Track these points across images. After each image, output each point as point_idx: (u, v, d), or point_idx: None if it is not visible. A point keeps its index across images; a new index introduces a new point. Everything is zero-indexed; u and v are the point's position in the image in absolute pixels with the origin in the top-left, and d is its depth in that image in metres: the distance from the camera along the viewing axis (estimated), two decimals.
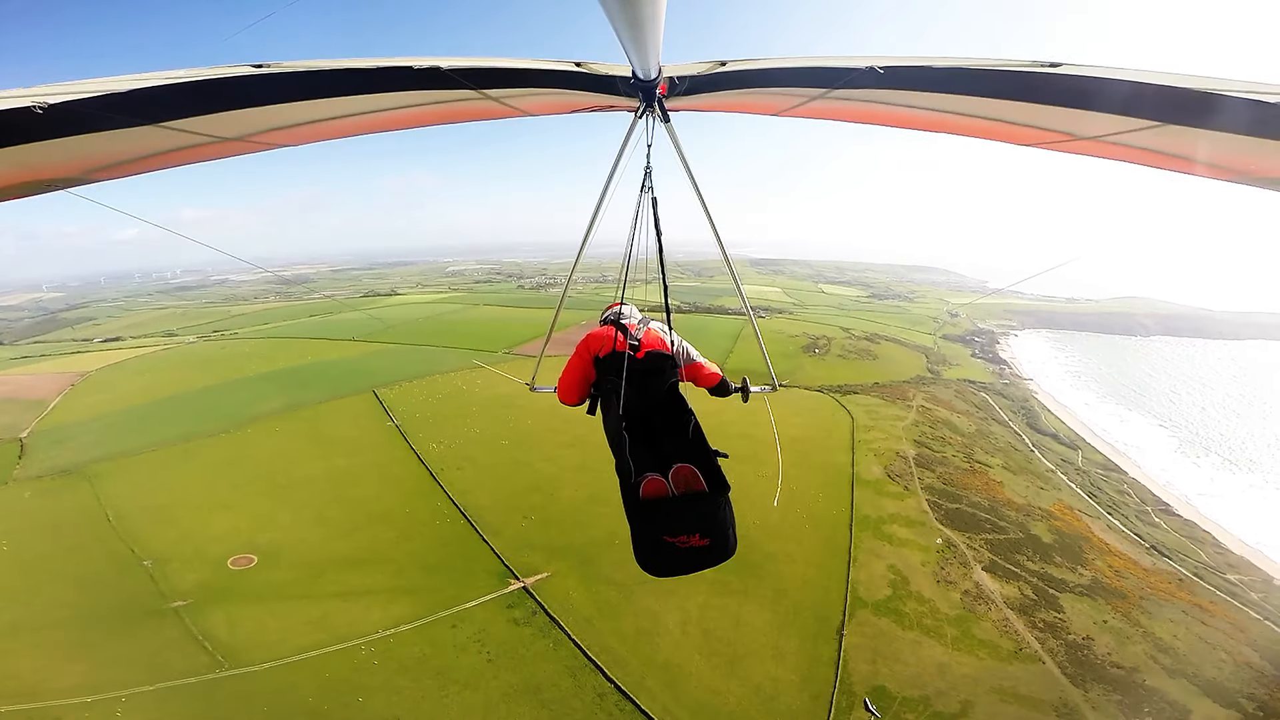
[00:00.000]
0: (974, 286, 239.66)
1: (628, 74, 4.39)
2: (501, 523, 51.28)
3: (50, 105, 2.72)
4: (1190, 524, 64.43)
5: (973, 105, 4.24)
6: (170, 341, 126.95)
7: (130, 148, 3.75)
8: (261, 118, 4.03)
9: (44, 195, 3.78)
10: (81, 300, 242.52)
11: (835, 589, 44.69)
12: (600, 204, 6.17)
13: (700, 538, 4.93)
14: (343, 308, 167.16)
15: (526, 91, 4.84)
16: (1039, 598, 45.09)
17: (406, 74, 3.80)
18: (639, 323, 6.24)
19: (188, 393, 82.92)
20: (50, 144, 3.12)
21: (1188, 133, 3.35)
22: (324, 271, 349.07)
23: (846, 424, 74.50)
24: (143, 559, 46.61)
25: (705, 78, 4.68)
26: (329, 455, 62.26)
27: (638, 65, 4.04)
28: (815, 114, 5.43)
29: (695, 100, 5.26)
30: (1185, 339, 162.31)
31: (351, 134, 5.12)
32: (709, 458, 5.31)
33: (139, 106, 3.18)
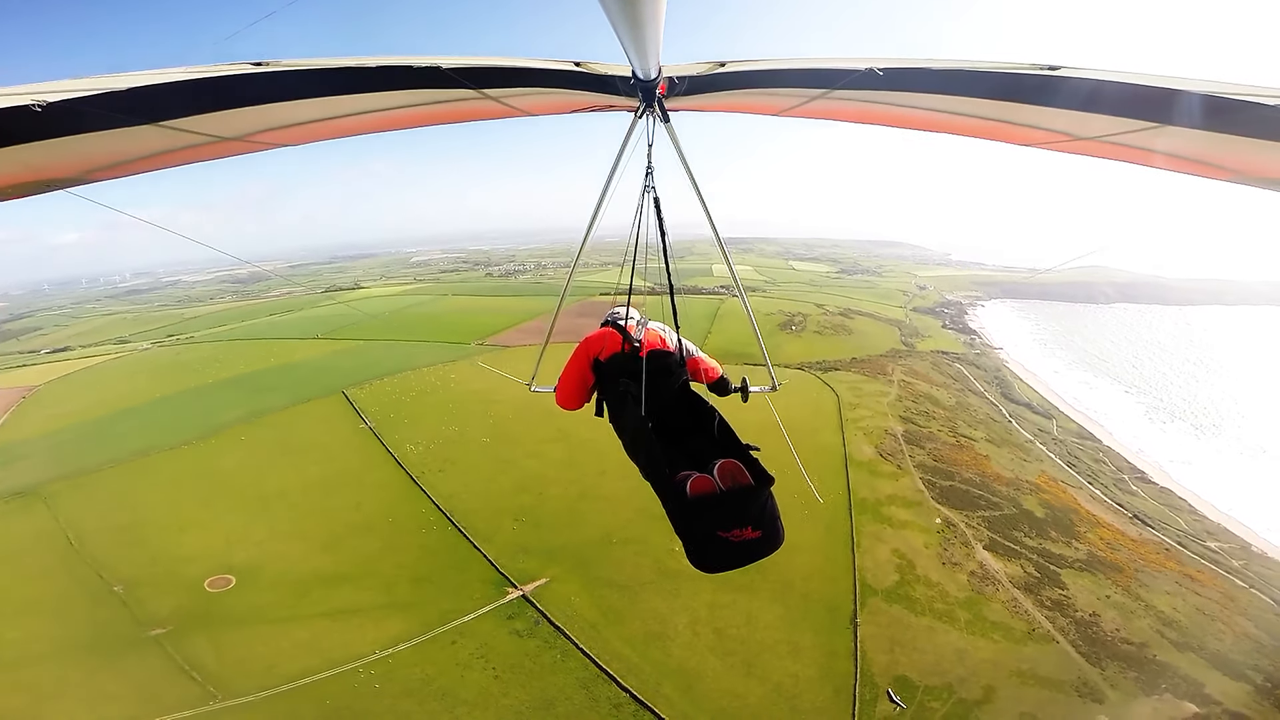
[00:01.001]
0: (939, 260, 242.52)
1: (627, 74, 4.29)
2: (491, 527, 48.55)
3: (49, 104, 2.64)
4: (1166, 491, 65.55)
5: (972, 106, 4.22)
6: (122, 349, 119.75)
7: (130, 147, 3.67)
8: (261, 117, 3.96)
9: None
10: (26, 310, 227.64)
11: (843, 577, 43.46)
12: (600, 204, 5.98)
13: (753, 530, 4.76)
14: (305, 304, 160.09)
15: (526, 91, 4.81)
16: (1042, 575, 44.58)
17: (406, 73, 3.74)
18: (637, 323, 6.09)
19: (144, 404, 77.73)
20: (49, 144, 3.06)
21: (1186, 133, 3.31)
22: (281, 267, 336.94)
23: (832, 403, 73.43)
24: (112, 584, 43.35)
25: (705, 78, 4.63)
26: (301, 464, 58.45)
27: (638, 65, 3.93)
28: (815, 114, 5.38)
29: (695, 100, 5.20)
30: (1143, 305, 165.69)
31: (351, 133, 5.07)
32: (745, 452, 5.15)
33: (138, 105, 3.08)
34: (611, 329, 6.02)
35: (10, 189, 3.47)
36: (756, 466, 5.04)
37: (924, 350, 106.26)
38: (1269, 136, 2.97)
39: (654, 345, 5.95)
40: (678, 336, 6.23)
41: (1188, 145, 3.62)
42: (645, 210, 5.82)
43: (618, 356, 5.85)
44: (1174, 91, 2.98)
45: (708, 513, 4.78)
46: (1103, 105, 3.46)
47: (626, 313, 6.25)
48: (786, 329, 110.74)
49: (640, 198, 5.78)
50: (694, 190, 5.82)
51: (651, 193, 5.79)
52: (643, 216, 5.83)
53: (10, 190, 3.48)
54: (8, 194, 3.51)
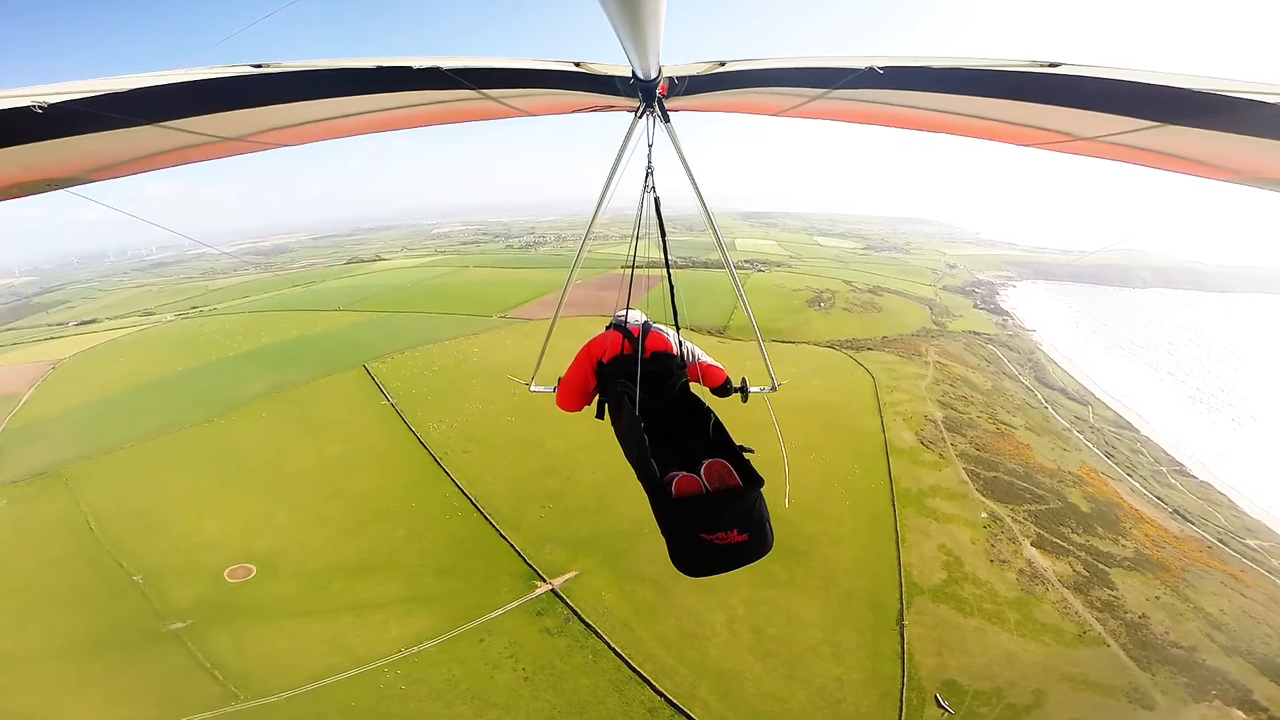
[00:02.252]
0: (968, 237, 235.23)
1: (627, 74, 4.24)
2: (518, 514, 46.25)
3: (50, 105, 2.65)
4: (1206, 485, 63.34)
5: (972, 105, 4.15)
6: (147, 321, 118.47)
7: (130, 147, 3.68)
8: (261, 117, 3.94)
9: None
10: (56, 283, 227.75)
11: (887, 574, 40.99)
12: (600, 203, 5.94)
13: (739, 533, 4.57)
14: (327, 275, 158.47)
15: (526, 92, 4.75)
16: (1090, 574, 42.19)
17: (406, 74, 3.67)
18: (641, 326, 6.05)
19: (166, 377, 76.26)
20: (50, 144, 3.07)
21: (1188, 133, 3.29)
22: (304, 240, 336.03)
23: (868, 385, 70.29)
24: (132, 574, 41.84)
25: (705, 78, 4.56)
26: (322, 442, 56.48)
27: (638, 65, 3.90)
28: (815, 114, 5.32)
29: (695, 100, 5.17)
30: (1181, 290, 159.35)
31: (352, 133, 5.00)
32: (737, 453, 5.05)
33: (139, 106, 3.10)
34: (616, 332, 5.98)
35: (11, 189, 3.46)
36: (747, 468, 4.88)
37: (956, 330, 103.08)
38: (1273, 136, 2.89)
39: (656, 348, 5.90)
40: (679, 338, 6.22)
41: (1190, 145, 3.50)
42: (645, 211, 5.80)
43: (619, 358, 5.82)
44: (1177, 90, 2.89)
45: (691, 514, 4.62)
46: (1104, 104, 3.39)
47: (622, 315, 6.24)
48: (814, 305, 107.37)
49: (640, 198, 5.76)
50: (694, 191, 5.74)
51: (652, 194, 5.75)
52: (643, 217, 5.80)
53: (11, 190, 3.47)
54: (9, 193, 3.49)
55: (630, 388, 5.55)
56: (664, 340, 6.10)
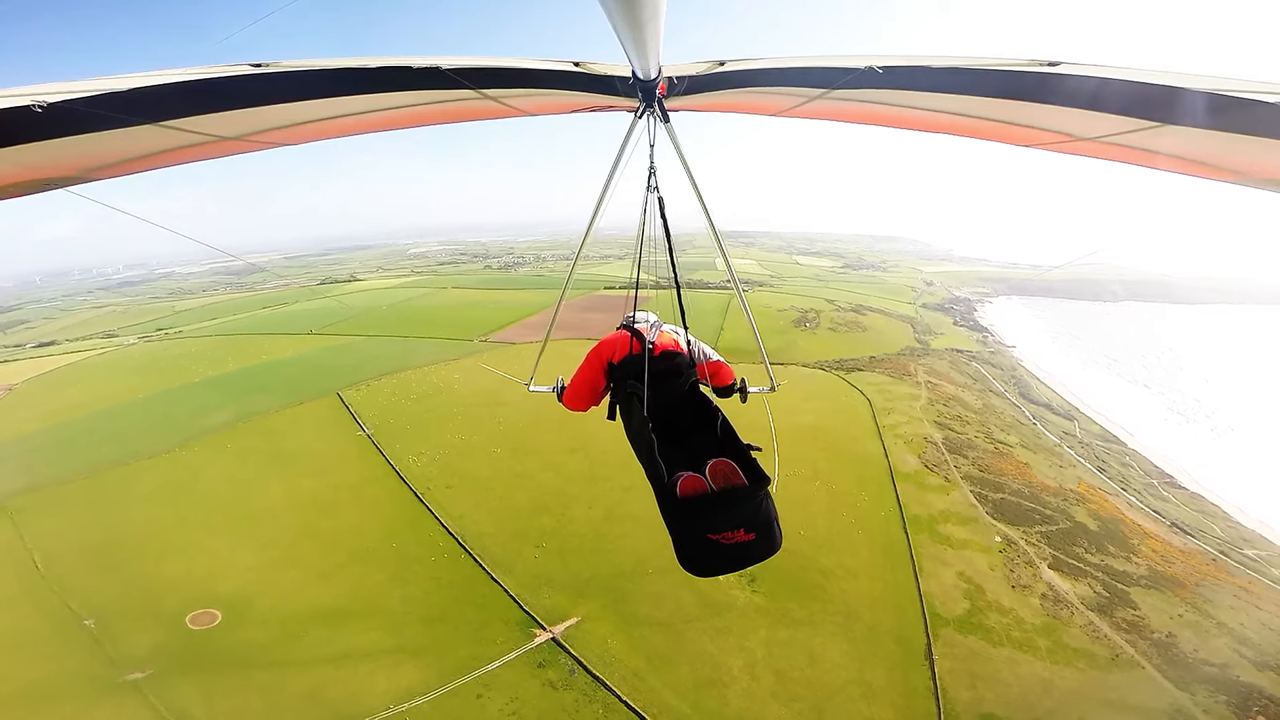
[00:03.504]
0: (942, 255, 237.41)
1: (627, 74, 4.23)
2: (510, 555, 42.33)
3: (49, 104, 2.64)
4: (1198, 497, 62.33)
5: (972, 105, 4.11)
6: (109, 344, 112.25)
7: (129, 147, 3.65)
8: (261, 117, 3.90)
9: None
10: (15, 303, 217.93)
11: (909, 605, 38.68)
12: (599, 204, 5.86)
13: (746, 532, 4.50)
14: (300, 297, 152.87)
15: (525, 92, 4.72)
16: (1111, 594, 40.73)
17: (406, 74, 3.68)
18: (651, 326, 6.00)
19: (125, 404, 71.03)
20: (49, 143, 3.04)
21: (1188, 133, 3.24)
22: (276, 259, 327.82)
23: (864, 407, 68.05)
24: (83, 617, 37.61)
25: (705, 78, 4.56)
26: (292, 476, 52.02)
27: (637, 65, 3.88)
28: (815, 114, 5.25)
29: (695, 100, 5.10)
30: (1151, 303, 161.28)
31: (351, 133, 5.01)
32: (743, 452, 4.99)
33: (138, 106, 3.08)
34: (626, 332, 5.91)
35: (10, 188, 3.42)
36: (753, 467, 4.81)
37: (939, 348, 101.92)
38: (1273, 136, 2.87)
39: (666, 347, 5.83)
40: (690, 338, 6.16)
41: (1191, 145, 3.46)
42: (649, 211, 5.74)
43: (630, 358, 5.75)
44: (1177, 90, 2.89)
45: (697, 513, 4.56)
46: (1104, 104, 3.34)
47: (633, 316, 6.13)
48: (801, 326, 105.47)
49: (644, 199, 5.69)
50: (694, 191, 5.65)
51: (655, 193, 5.70)
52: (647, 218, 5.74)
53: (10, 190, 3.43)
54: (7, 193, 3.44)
55: (639, 388, 5.46)
56: (673, 340, 6.01)
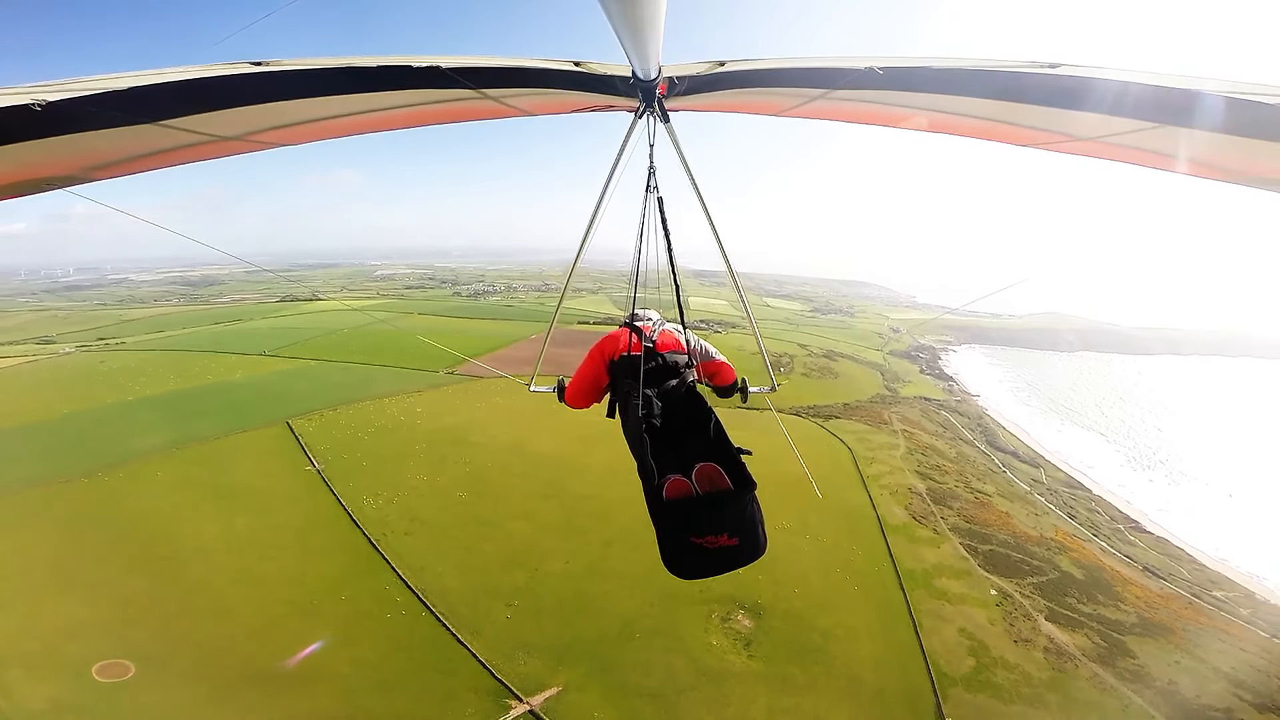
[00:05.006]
0: (905, 301, 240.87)
1: (627, 74, 4.16)
2: (478, 615, 37.42)
3: (49, 103, 2.60)
4: (1162, 540, 63.01)
5: (972, 106, 4.08)
6: (43, 351, 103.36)
7: (129, 146, 3.61)
8: (261, 116, 3.85)
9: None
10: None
11: (914, 666, 36.55)
12: (599, 204, 5.78)
13: (729, 537, 4.43)
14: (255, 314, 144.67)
15: (525, 91, 4.65)
16: (1109, 645, 40.24)
17: (406, 73, 3.62)
18: (654, 324, 5.96)
19: (47, 420, 63.71)
20: (49, 142, 2.99)
21: (1186, 134, 3.26)
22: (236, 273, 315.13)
23: (845, 456, 65.55)
24: None
25: (705, 78, 4.48)
26: (228, 513, 45.96)
27: (638, 65, 3.85)
28: (815, 114, 5.19)
29: (695, 100, 4.99)
30: (1103, 353, 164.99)
31: (350, 133, 4.94)
32: (732, 455, 4.89)
33: (138, 105, 3.02)
34: (628, 329, 5.81)
35: (9, 188, 3.37)
36: (740, 471, 4.75)
37: (908, 396, 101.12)
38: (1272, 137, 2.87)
39: (668, 346, 5.77)
40: (691, 337, 6.09)
41: (1190, 145, 3.44)
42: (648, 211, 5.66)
43: (628, 356, 5.67)
44: (1176, 90, 2.89)
45: (681, 516, 4.51)
46: (1104, 104, 3.31)
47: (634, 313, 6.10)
48: (774, 370, 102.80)
49: (644, 198, 5.56)
50: (694, 190, 5.60)
51: (655, 193, 5.59)
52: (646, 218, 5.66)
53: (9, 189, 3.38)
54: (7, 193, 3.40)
55: (637, 386, 5.34)
56: (674, 339, 5.90)
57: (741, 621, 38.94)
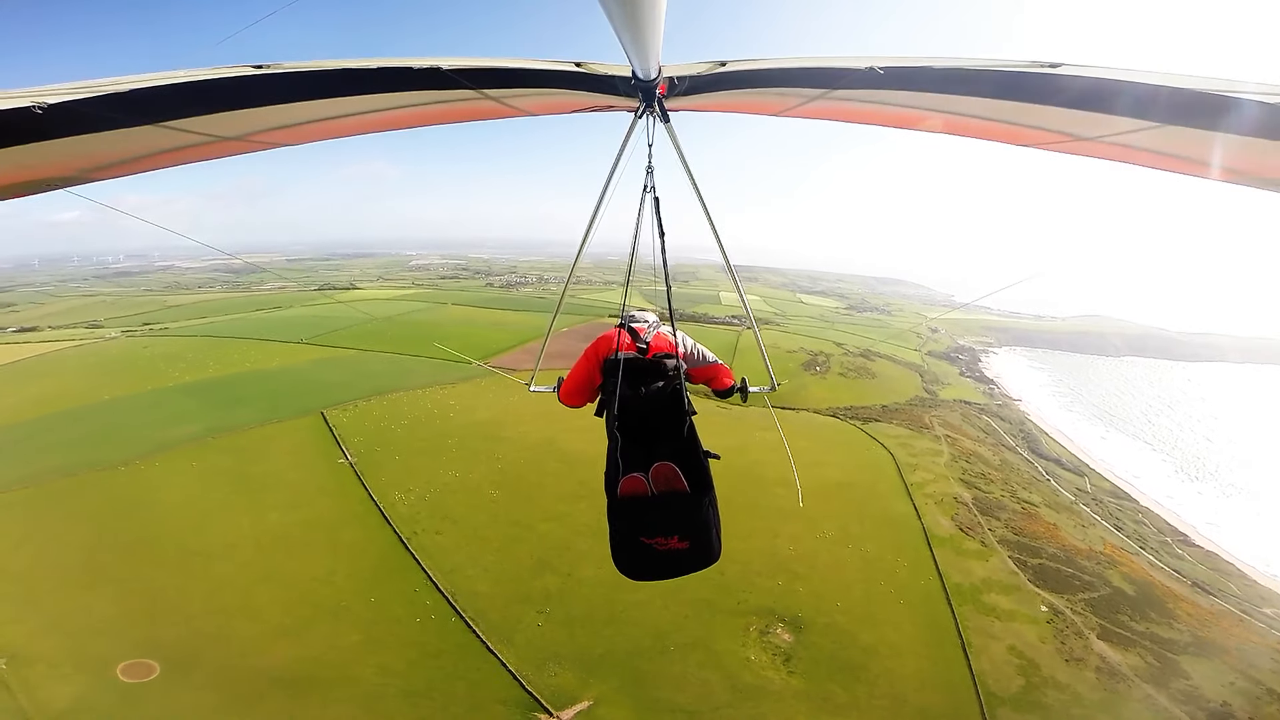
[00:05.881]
0: (942, 300, 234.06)
1: (627, 74, 4.10)
2: (509, 622, 35.80)
3: (50, 105, 2.60)
4: (1211, 555, 60.54)
5: (973, 106, 4.01)
6: (90, 335, 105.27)
7: (129, 147, 3.59)
8: (261, 117, 3.81)
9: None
10: (8, 284, 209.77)
11: (961, 685, 34.35)
12: (599, 204, 5.76)
13: (679, 540, 4.42)
14: (295, 301, 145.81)
15: (526, 91, 4.58)
16: (1162, 664, 38.05)
17: (406, 74, 3.59)
18: (649, 326, 5.84)
19: (90, 405, 64.06)
20: (49, 144, 2.97)
21: (1188, 133, 3.19)
22: (278, 261, 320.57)
23: (887, 462, 62.37)
24: None
25: (705, 78, 4.41)
26: (260, 506, 45.11)
27: (638, 65, 3.82)
28: (815, 114, 5.14)
29: (695, 100, 4.91)
30: (1151, 359, 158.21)
31: (352, 133, 4.87)
32: (697, 457, 4.86)
33: (139, 106, 3.01)
34: (623, 330, 5.68)
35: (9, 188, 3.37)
36: (699, 474, 4.70)
37: (948, 399, 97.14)
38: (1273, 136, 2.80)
39: (661, 348, 5.61)
40: (685, 339, 5.97)
41: (1190, 145, 3.40)
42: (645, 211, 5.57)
43: (616, 355, 5.48)
44: (1177, 90, 2.83)
45: (631, 515, 4.49)
46: (1104, 104, 3.27)
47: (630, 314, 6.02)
48: (810, 369, 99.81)
49: (641, 198, 5.50)
50: (694, 191, 5.57)
51: (652, 193, 5.47)
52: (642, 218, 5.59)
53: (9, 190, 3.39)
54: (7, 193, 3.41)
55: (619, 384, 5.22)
56: (667, 341, 5.71)
57: (781, 635, 36.78)
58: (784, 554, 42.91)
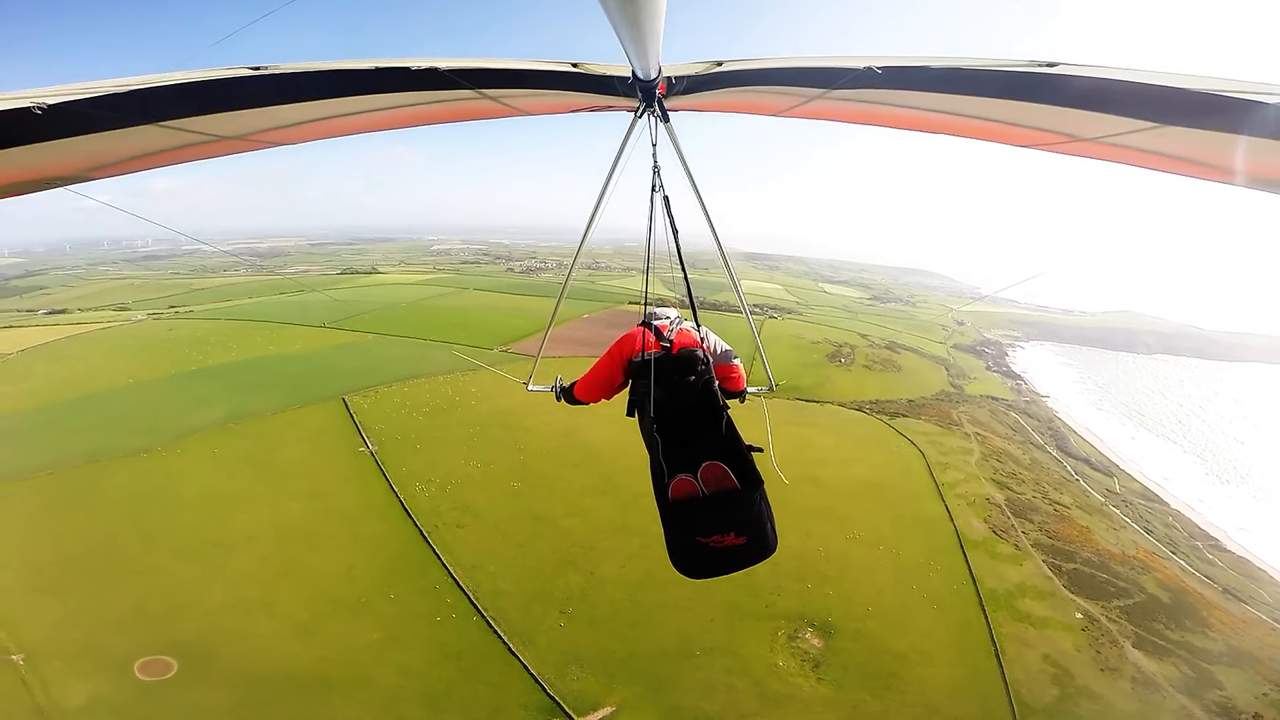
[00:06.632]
0: (968, 292, 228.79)
1: (626, 74, 4.10)
2: (532, 623, 34.78)
3: (49, 106, 2.59)
4: (1243, 560, 58.26)
5: (971, 106, 3.96)
6: (117, 318, 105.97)
7: (129, 147, 3.56)
8: (261, 117, 3.80)
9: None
10: (41, 267, 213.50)
11: (994, 695, 33.34)
12: (599, 204, 5.70)
13: (736, 536, 4.40)
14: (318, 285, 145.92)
15: (524, 92, 4.56)
16: (1197, 674, 37.14)
17: (404, 75, 3.55)
18: (671, 323, 5.68)
19: (115, 388, 64.15)
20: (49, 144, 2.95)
21: (1187, 134, 3.11)
22: (301, 245, 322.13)
23: (917, 461, 60.39)
24: (10, 650, 30.89)
25: (704, 77, 4.42)
26: (280, 495, 44.49)
27: (637, 65, 3.80)
28: (814, 114, 5.06)
29: (694, 100, 4.92)
30: (1183, 358, 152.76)
31: (351, 132, 4.82)
32: (742, 453, 4.81)
33: (139, 106, 3.00)
34: (646, 329, 5.58)
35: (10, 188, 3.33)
36: (747, 469, 4.68)
37: (975, 394, 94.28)
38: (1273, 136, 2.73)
39: (684, 344, 5.45)
40: (708, 334, 5.76)
41: (1190, 146, 3.30)
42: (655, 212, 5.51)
43: (645, 356, 5.37)
44: (1176, 90, 2.77)
45: (687, 516, 4.46)
46: (1103, 104, 3.18)
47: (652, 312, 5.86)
48: (835, 361, 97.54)
49: (650, 199, 5.44)
50: (693, 190, 5.47)
51: (660, 192, 5.40)
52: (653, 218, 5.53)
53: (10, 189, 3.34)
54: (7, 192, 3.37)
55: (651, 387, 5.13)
56: (692, 338, 5.56)
57: (810, 641, 35.45)
58: (814, 555, 41.39)
